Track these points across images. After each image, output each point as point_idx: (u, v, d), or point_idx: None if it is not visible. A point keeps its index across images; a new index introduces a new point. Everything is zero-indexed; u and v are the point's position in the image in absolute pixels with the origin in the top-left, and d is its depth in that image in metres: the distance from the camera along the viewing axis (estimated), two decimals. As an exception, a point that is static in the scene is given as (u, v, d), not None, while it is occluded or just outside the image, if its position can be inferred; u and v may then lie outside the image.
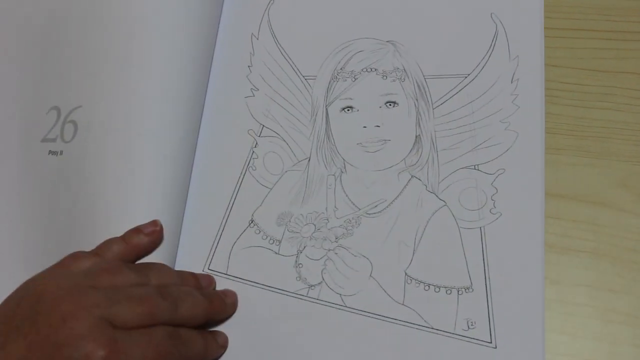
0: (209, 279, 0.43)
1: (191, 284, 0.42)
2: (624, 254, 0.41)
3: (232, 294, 0.43)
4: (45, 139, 0.47)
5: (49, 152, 0.47)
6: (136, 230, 0.42)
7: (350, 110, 0.46)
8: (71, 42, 0.49)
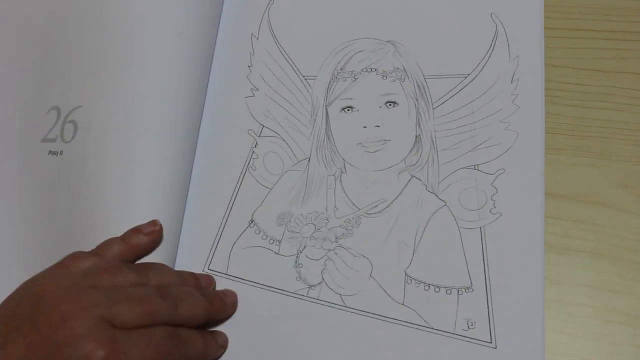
0: (209, 279, 0.43)
1: (191, 284, 0.42)
2: (624, 254, 0.41)
3: (232, 294, 0.43)
4: (45, 139, 0.47)
5: (49, 152, 0.47)
6: (136, 230, 0.42)
7: (350, 110, 0.46)
8: (71, 42, 0.49)
